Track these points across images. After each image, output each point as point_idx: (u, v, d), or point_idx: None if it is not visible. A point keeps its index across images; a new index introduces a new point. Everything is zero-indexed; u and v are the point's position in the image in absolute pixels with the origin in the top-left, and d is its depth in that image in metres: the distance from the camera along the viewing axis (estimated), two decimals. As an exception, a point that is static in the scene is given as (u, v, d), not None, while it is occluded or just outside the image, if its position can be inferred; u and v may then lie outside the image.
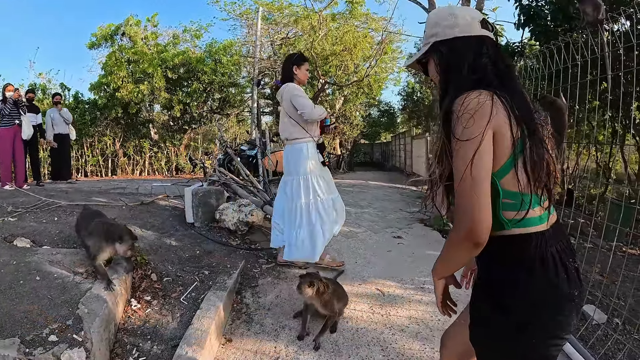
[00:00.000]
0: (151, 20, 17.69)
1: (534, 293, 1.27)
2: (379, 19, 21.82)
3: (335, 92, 24.03)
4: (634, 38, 3.10)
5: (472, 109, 1.21)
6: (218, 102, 18.98)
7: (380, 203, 9.45)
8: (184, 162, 17.07)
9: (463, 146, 1.21)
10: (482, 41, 1.40)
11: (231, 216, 5.45)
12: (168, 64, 16.18)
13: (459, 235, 1.23)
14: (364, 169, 25.00)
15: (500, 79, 1.33)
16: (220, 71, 17.24)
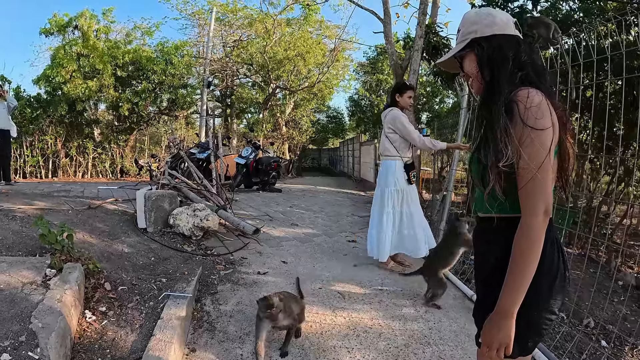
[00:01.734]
0: (106, 14, 17.07)
1: (547, 269, 1.39)
2: (332, 27, 22.11)
3: (286, 97, 24.01)
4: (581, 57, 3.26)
5: (538, 103, 1.33)
6: (167, 102, 18.53)
7: (332, 208, 9.49)
8: (130, 164, 16.51)
9: (539, 135, 1.31)
10: (518, 41, 1.51)
11: (186, 221, 5.31)
12: (118, 61, 15.62)
13: (539, 216, 1.32)
14: (312, 174, 25.02)
15: (538, 78, 1.43)
16: (170, 71, 16.81)
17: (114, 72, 15.53)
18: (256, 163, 11.31)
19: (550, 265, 1.40)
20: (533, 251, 1.32)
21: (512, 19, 1.54)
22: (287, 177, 18.47)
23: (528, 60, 1.46)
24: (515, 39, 1.51)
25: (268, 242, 5.75)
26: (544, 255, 1.34)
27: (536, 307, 1.40)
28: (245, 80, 24.95)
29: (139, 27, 19.38)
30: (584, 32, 4.10)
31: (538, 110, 1.31)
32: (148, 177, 12.94)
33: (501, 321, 1.35)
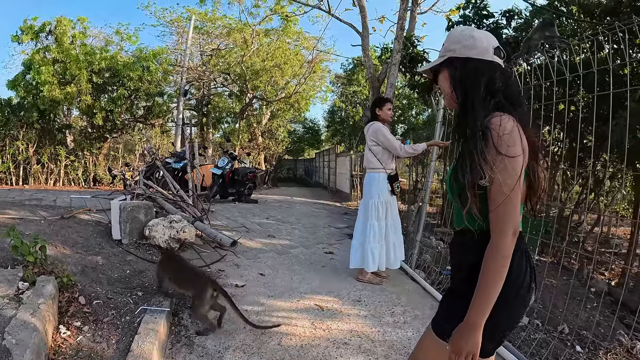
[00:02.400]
0: (80, 21, 16.81)
1: (513, 278, 1.47)
2: (310, 38, 22.20)
3: (262, 107, 24.00)
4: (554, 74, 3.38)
5: (510, 130, 1.40)
6: (143, 110, 18.30)
7: (309, 219, 9.49)
8: (103, 172, 16.21)
9: (511, 162, 1.39)
10: (494, 67, 1.56)
11: (162, 232, 5.24)
12: (94, 67, 15.37)
13: (508, 237, 1.40)
14: (288, 185, 25.03)
15: (512, 105, 1.50)
16: (147, 78, 16.61)
17: (90, 77, 15.27)
18: (232, 174, 11.25)
19: (517, 276, 1.49)
20: (501, 269, 1.40)
21: (493, 45, 1.58)
22: (263, 188, 18.41)
23: (502, 86, 1.52)
24: (492, 65, 1.56)
25: (245, 254, 5.72)
26: (512, 266, 1.43)
27: (500, 314, 1.46)
28: (222, 90, 24.87)
29: (119, 32, 19.22)
30: (557, 49, 4.24)
31: (510, 138, 1.39)
32: (122, 186, 12.73)
33: (470, 332, 1.42)
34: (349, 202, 14.24)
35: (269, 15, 17.11)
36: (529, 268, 1.53)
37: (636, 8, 6.66)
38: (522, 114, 1.50)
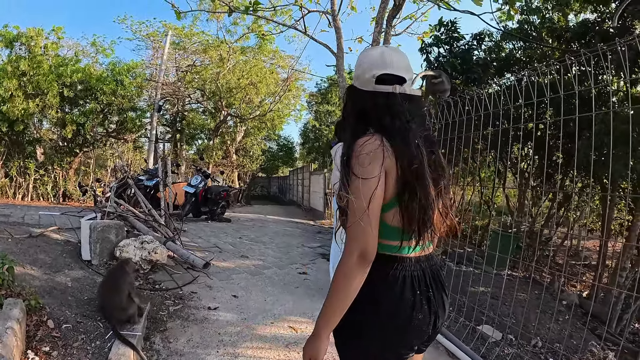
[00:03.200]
0: (55, 31, 16.56)
1: (385, 309, 1.51)
2: (286, 57, 22.33)
3: (237, 125, 23.97)
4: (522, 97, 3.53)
5: (369, 152, 1.42)
6: (115, 125, 18.05)
7: (282, 239, 9.48)
8: (73, 188, 15.87)
9: (364, 183, 1.39)
10: (373, 96, 1.57)
11: (133, 253, 5.20)
12: (65, 80, 15.09)
13: (352, 257, 1.41)
14: (262, 203, 24.96)
15: (390, 133, 1.48)
16: (120, 93, 16.39)
17: (60, 91, 14.98)
18: (205, 192, 11.18)
19: (389, 304, 1.51)
20: (343, 287, 1.43)
21: (375, 74, 1.58)
22: (236, 206, 18.30)
23: (380, 114, 1.53)
24: (372, 94, 1.58)
25: (218, 275, 5.68)
26: (382, 293, 1.51)
27: (370, 341, 1.54)
28: (197, 106, 24.77)
29: (95, 44, 19.01)
30: (525, 72, 4.43)
31: (366, 159, 1.41)
32: (92, 202, 12.50)
33: (314, 340, 1.49)
34: (323, 221, 14.29)
35: (246, 34, 17.19)
36: (417, 298, 1.52)
37: (603, 32, 6.94)
38: (402, 139, 1.47)
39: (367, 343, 1.56)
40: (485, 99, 4.49)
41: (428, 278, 1.58)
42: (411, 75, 1.62)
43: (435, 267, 1.64)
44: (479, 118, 4.60)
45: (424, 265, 1.59)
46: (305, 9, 10.66)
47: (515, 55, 8.97)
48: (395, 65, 1.58)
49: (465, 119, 4.70)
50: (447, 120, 5.00)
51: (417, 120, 1.54)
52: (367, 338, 1.55)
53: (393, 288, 1.51)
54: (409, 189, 1.44)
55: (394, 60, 1.59)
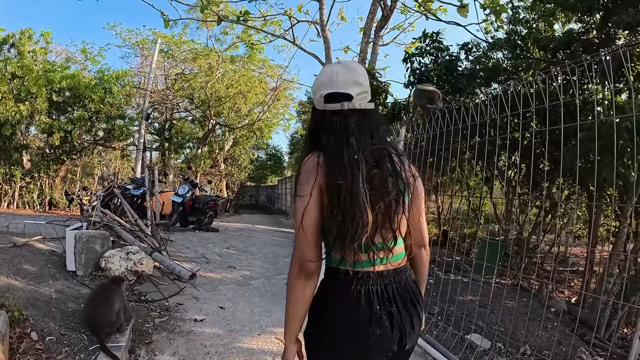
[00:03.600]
0: (44, 36, 16.43)
1: (333, 318, 1.56)
2: (275, 66, 22.40)
3: (225, 134, 23.93)
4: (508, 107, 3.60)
5: (307, 170, 1.51)
6: (103, 132, 17.90)
7: (270, 249, 9.43)
8: (59, 196, 15.68)
9: (299, 200, 1.49)
10: (322, 115, 1.63)
11: (118, 264, 5.13)
12: (54, 85, 14.94)
13: (294, 268, 1.53)
14: (250, 212, 24.84)
15: (326, 150, 1.53)
16: (109, 100, 16.26)
17: (49, 96, 14.84)
18: (193, 202, 11.09)
19: (345, 319, 1.54)
20: (289, 295, 1.55)
21: (322, 93, 1.63)
22: (224, 216, 18.21)
23: (327, 131, 1.57)
24: (320, 113, 1.64)
25: (204, 287, 5.63)
26: (336, 308, 1.56)
27: (335, 355, 1.59)
28: (185, 115, 24.71)
29: (84, 51, 18.91)
30: (511, 82, 4.51)
31: (302, 177, 1.52)
32: (78, 210, 12.38)
33: (284, 349, 1.63)
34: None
35: (236, 43, 17.25)
36: (374, 312, 1.53)
37: (586, 42, 7.10)
38: (340, 155, 1.49)
39: (328, 355, 1.61)
40: (472, 108, 4.57)
41: (391, 293, 1.58)
42: (362, 89, 1.63)
43: (404, 281, 1.64)
44: (466, 128, 4.65)
45: (387, 280, 1.59)
46: (295, 19, 10.75)
47: (502, 65, 9.08)
48: (341, 83, 1.60)
49: (453, 130, 4.76)
50: (434, 130, 5.07)
51: (363, 134, 1.56)
52: (327, 350, 1.60)
53: (349, 302, 1.54)
54: (337, 204, 1.45)
55: (340, 78, 1.60)
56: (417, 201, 1.66)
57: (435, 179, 10.05)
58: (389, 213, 1.51)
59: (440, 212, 13.84)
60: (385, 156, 1.55)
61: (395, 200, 1.51)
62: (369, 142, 1.55)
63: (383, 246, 1.55)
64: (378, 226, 1.51)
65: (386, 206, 1.50)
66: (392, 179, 1.52)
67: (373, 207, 1.48)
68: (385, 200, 1.50)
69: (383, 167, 1.53)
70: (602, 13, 7.09)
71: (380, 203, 1.49)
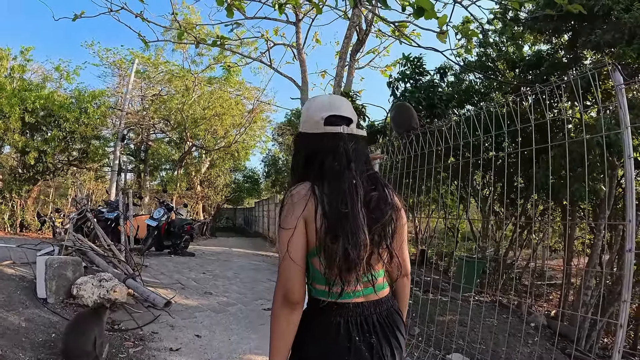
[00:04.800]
0: (24, 52, 16.21)
1: (313, 348, 1.56)
2: (252, 88, 22.50)
3: (202, 156, 23.80)
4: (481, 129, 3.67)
5: (292, 202, 1.49)
6: (78, 153, 17.59)
7: (247, 273, 9.32)
8: (31, 218, 15.27)
9: (282, 232, 1.49)
10: (321, 138, 1.61)
11: (90, 292, 5.01)
12: (28, 105, 14.65)
13: (277, 300, 1.50)
14: (227, 235, 24.57)
15: (325, 175, 1.53)
16: (84, 121, 16.00)
17: (22, 116, 14.55)
18: (168, 225, 10.90)
19: (324, 350, 1.54)
20: (273, 326, 1.52)
21: (323, 115, 1.62)
22: (201, 239, 17.98)
23: (323, 158, 1.56)
24: (317, 137, 1.62)
25: (180, 314, 5.52)
26: (315, 339, 1.56)
27: None
28: (162, 136, 24.53)
29: (59, 69, 18.69)
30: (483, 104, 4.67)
31: (288, 209, 1.50)
32: (50, 233, 12.10)
33: None
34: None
35: (212, 65, 17.27)
36: (354, 344, 1.52)
37: (555, 62, 7.41)
38: (335, 186, 1.50)
39: None
40: (445, 131, 4.69)
41: (372, 324, 1.57)
42: (355, 117, 1.67)
43: (386, 312, 1.63)
44: (441, 150, 4.77)
45: (368, 312, 1.58)
46: (271, 42, 10.83)
47: (475, 87, 9.38)
48: (342, 109, 1.65)
49: (427, 152, 4.87)
50: (409, 153, 5.17)
51: (360, 159, 1.58)
52: None
53: (328, 333, 1.53)
54: (332, 232, 1.45)
55: (339, 104, 1.66)
56: (401, 230, 1.64)
57: (411, 199, 10.17)
58: (385, 233, 1.53)
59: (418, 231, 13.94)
60: (379, 181, 1.60)
61: (389, 221, 1.54)
62: (364, 167, 1.59)
63: (369, 277, 1.55)
64: (372, 252, 1.51)
65: (382, 227, 1.52)
66: (385, 202, 1.55)
67: (370, 229, 1.49)
68: (381, 221, 1.51)
69: (379, 190, 1.56)
70: (569, 34, 7.41)
71: (377, 225, 1.50)
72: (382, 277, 1.65)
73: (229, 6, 7.34)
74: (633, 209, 2.98)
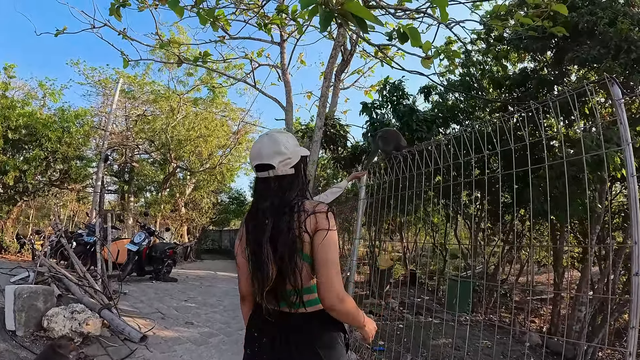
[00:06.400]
0: (8, 69, 15.92)
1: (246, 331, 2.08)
2: (237, 109, 22.50)
3: (186, 177, 23.53)
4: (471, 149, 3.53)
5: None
6: (59, 173, 17.20)
7: (231, 299, 8.99)
8: (10, 239, 14.79)
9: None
10: (255, 182, 2.02)
11: (62, 324, 4.72)
12: (10, 123, 14.28)
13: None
14: (213, 257, 24.13)
15: (251, 209, 1.96)
16: (66, 140, 15.67)
17: (5, 133, 14.16)
18: (150, 250, 10.53)
19: (247, 332, 2.05)
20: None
21: (253, 165, 1.96)
22: (186, 262, 17.61)
23: (253, 196, 2.04)
24: (255, 180, 2.01)
25: (158, 347, 5.22)
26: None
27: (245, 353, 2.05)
28: (146, 157, 24.21)
29: (43, 86, 18.43)
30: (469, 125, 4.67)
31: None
32: (30, 256, 11.70)
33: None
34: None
35: (198, 86, 17.14)
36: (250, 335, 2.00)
37: (541, 78, 7.41)
38: (250, 216, 1.92)
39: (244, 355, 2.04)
40: (434, 151, 4.69)
41: (283, 332, 1.84)
42: (284, 157, 1.88)
43: (302, 327, 1.83)
44: (431, 171, 4.74)
45: (273, 320, 1.85)
46: (256, 62, 10.75)
47: (460, 106, 9.43)
48: (265, 156, 1.89)
49: (416, 174, 4.82)
50: (397, 175, 5.14)
51: (277, 195, 1.85)
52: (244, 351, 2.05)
53: (252, 322, 2.01)
54: (249, 260, 1.88)
55: (264, 151, 1.89)
56: (319, 255, 1.73)
57: (399, 219, 10.12)
58: (285, 266, 1.74)
59: (406, 251, 13.81)
60: (282, 213, 1.79)
61: (289, 254, 1.73)
62: (277, 202, 1.83)
63: (291, 293, 1.78)
64: (282, 276, 1.77)
65: (281, 259, 1.74)
66: (287, 234, 1.75)
67: (275, 261, 1.76)
68: (279, 252, 1.74)
69: (280, 223, 1.77)
70: (555, 51, 7.43)
71: (276, 257, 1.75)
72: (313, 293, 1.81)
73: (213, 22, 7.27)
74: (638, 231, 2.82)
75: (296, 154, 1.92)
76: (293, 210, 1.78)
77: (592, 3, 6.72)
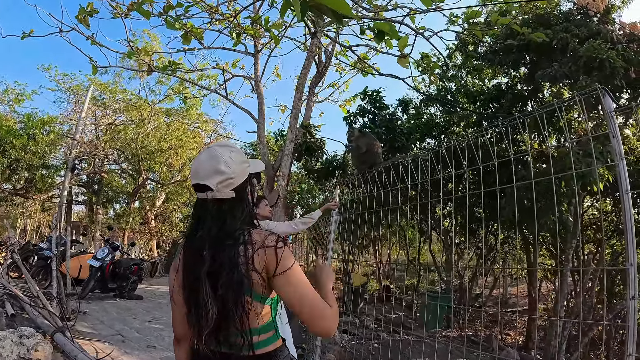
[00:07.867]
0: None
1: None
2: (210, 121, 22.39)
3: (157, 189, 23.04)
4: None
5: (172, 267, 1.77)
6: (24, 182, 16.62)
7: (199, 319, 8.58)
8: (-31, 251, 14.11)
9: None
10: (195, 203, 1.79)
11: (9, 350, 4.35)
12: (-26, 129, 13.74)
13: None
14: (183, 271, 23.60)
15: (187, 238, 1.72)
16: (31, 148, 15.15)
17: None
18: (113, 266, 10.03)
19: None
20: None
21: (193, 184, 1.71)
22: (155, 277, 17.09)
23: (192, 219, 1.76)
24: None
25: (116, 374, 4.86)
26: None
27: None
28: (116, 167, 23.61)
29: (12, 91, 17.93)
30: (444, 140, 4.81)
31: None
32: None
33: None
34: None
35: (170, 96, 16.84)
36: None
37: (515, 94, 7.68)
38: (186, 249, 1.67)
39: None
40: (411, 165, 4.68)
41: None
42: (225, 177, 1.62)
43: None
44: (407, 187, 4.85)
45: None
46: (229, 73, 10.57)
47: (435, 121, 9.60)
48: (201, 175, 1.64)
49: (391, 190, 4.83)
50: (371, 192, 5.15)
51: (216, 223, 1.60)
52: None
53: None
54: (185, 300, 1.61)
55: (201, 169, 1.65)
56: (291, 296, 1.56)
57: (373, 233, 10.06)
58: (227, 309, 1.52)
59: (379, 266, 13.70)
60: (223, 245, 1.56)
61: (234, 297, 1.51)
62: (215, 231, 1.58)
63: (237, 335, 1.54)
64: (225, 318, 1.52)
65: (223, 302, 1.51)
66: (230, 274, 1.51)
67: (216, 301, 1.51)
68: (221, 294, 1.51)
69: (222, 257, 1.54)
70: (528, 67, 7.59)
71: (217, 296, 1.51)
72: (265, 333, 1.62)
73: (185, 33, 7.06)
74: (633, 252, 2.70)
75: (241, 173, 1.68)
76: (238, 241, 1.57)
77: (567, 20, 6.92)
